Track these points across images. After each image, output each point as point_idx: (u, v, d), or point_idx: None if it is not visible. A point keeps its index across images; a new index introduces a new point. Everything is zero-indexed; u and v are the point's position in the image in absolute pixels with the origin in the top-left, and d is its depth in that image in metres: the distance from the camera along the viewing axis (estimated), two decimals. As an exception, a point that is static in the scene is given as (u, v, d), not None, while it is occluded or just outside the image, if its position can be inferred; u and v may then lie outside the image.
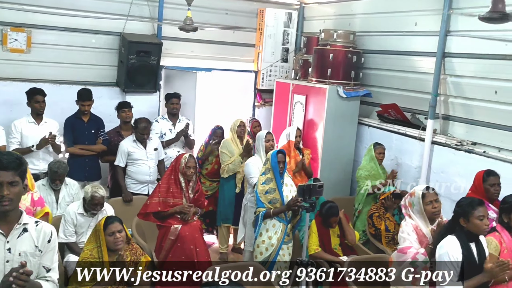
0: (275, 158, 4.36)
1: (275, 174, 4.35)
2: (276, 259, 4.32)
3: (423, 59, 5.42)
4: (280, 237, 4.32)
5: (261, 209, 4.31)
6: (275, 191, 4.34)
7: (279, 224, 4.33)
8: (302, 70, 6.54)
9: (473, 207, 3.07)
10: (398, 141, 5.71)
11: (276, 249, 4.31)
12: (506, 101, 4.56)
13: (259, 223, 4.33)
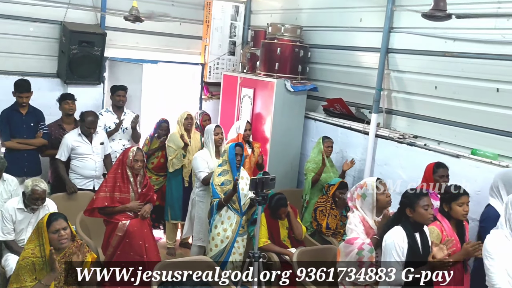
0: (233, 151, 4.40)
1: (232, 167, 4.40)
2: (232, 251, 4.34)
3: (368, 55, 5.57)
4: (235, 229, 4.36)
5: (215, 199, 4.35)
6: (231, 183, 4.37)
7: (234, 216, 4.36)
8: (250, 64, 6.54)
9: (418, 197, 3.19)
10: (343, 134, 5.85)
11: (231, 241, 4.34)
12: (445, 96, 4.77)
13: (214, 212, 4.33)
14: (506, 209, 3.08)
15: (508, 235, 3.03)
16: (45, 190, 4.11)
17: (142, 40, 6.73)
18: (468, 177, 4.39)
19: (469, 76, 4.52)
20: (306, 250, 4.44)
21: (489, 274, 3.01)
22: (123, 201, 4.17)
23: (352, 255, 3.40)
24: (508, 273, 2.96)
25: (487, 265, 3.03)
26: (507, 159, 4.30)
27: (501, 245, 3.01)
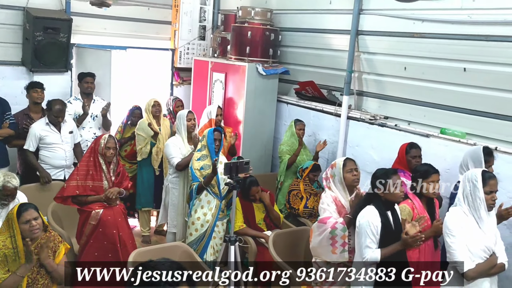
0: (212, 136, 4.41)
1: (210, 151, 4.42)
2: (212, 236, 4.35)
3: (338, 37, 5.59)
4: (214, 213, 4.37)
5: (195, 183, 4.36)
6: (210, 167, 4.38)
7: (214, 200, 4.37)
8: (221, 48, 6.48)
9: (387, 177, 3.25)
10: (316, 117, 5.88)
11: (211, 225, 4.36)
12: (414, 76, 4.83)
13: (193, 196, 4.33)
14: (464, 186, 3.14)
15: (466, 211, 3.10)
16: (17, 186, 4.00)
17: (109, 26, 6.58)
18: (438, 155, 4.49)
19: (437, 57, 4.59)
20: (281, 233, 4.49)
21: (451, 251, 3.06)
22: (96, 189, 4.11)
23: (325, 234, 3.44)
24: (468, 248, 3.03)
25: (449, 242, 3.08)
26: (475, 137, 4.41)
27: (461, 221, 3.08)
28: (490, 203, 3.07)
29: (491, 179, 3.09)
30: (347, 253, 3.44)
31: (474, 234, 3.05)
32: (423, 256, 3.56)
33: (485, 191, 3.04)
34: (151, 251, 3.91)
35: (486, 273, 3.06)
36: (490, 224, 3.11)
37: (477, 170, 3.16)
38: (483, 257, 3.05)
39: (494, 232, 3.13)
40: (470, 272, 3.00)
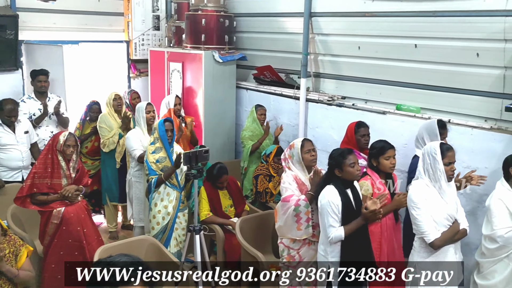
0: (163, 127, 4.36)
1: (164, 143, 4.37)
2: (174, 227, 4.34)
3: (292, 20, 5.61)
4: (175, 205, 4.36)
5: (153, 176, 4.31)
6: (166, 159, 4.35)
7: (173, 192, 4.36)
8: (176, 37, 6.41)
9: (343, 157, 3.31)
10: (275, 101, 5.91)
11: (172, 217, 4.34)
12: (368, 55, 4.91)
13: (152, 190, 4.30)
14: (424, 159, 3.24)
15: (428, 184, 3.19)
16: None
17: (59, 20, 6.37)
18: (395, 131, 4.60)
19: (389, 34, 4.67)
20: (248, 218, 4.53)
21: (417, 223, 3.16)
22: (55, 187, 4.02)
23: (289, 212, 3.50)
24: (433, 218, 3.14)
25: (414, 214, 3.18)
26: (429, 111, 4.53)
27: (424, 194, 3.18)
28: (449, 174, 3.17)
29: (449, 151, 3.19)
30: (311, 228, 3.52)
31: (437, 204, 3.16)
32: (385, 230, 3.66)
33: (444, 163, 3.14)
34: (117, 247, 3.87)
35: (450, 240, 3.19)
36: (451, 194, 3.23)
37: (435, 143, 3.25)
38: (446, 225, 3.17)
39: (455, 201, 3.25)
40: (436, 241, 3.12)
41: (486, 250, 3.47)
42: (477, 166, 4.07)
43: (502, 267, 3.40)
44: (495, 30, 3.86)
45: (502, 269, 3.40)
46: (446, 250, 3.20)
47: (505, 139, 3.91)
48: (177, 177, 4.38)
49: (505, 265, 3.39)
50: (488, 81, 4.03)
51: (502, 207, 3.37)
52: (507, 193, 3.42)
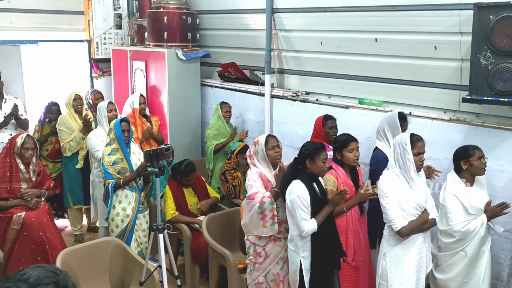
0: (119, 127, 4.23)
1: (120, 144, 4.23)
2: (134, 228, 4.26)
3: (254, 16, 5.60)
4: (134, 207, 4.27)
5: (110, 180, 4.19)
6: (123, 160, 4.25)
7: (132, 194, 4.26)
8: (138, 36, 6.33)
9: (318, 151, 3.33)
10: (241, 98, 5.90)
11: (132, 219, 4.25)
12: (330, 50, 4.95)
13: (110, 195, 4.19)
14: (394, 150, 3.29)
15: (398, 174, 3.25)
16: None
17: (16, 19, 6.18)
18: (358, 125, 4.65)
19: (350, 29, 4.72)
20: (215, 216, 4.50)
21: (385, 211, 3.23)
22: (14, 191, 3.92)
23: (254, 209, 3.49)
24: (402, 208, 3.20)
25: (383, 203, 3.24)
26: (390, 104, 4.60)
27: (393, 183, 3.24)
28: (418, 164, 3.23)
29: (418, 142, 3.25)
30: (276, 225, 3.52)
31: (406, 194, 3.21)
32: (350, 223, 3.71)
33: (413, 153, 3.19)
34: (79, 250, 3.79)
35: (419, 229, 3.24)
36: (420, 184, 3.29)
37: (405, 134, 3.30)
38: (415, 214, 3.23)
39: (424, 191, 3.30)
40: (403, 229, 3.17)
41: (443, 244, 3.50)
42: (437, 157, 4.16)
43: (459, 260, 3.45)
44: (451, 24, 3.94)
45: (459, 262, 3.45)
46: (414, 239, 3.25)
47: (463, 130, 4.01)
48: (136, 179, 4.30)
49: (462, 258, 3.44)
50: (446, 74, 4.11)
51: (456, 202, 3.40)
52: (459, 187, 3.45)
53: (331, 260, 3.37)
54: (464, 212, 3.40)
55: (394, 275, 3.27)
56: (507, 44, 3.30)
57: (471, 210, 3.40)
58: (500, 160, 3.80)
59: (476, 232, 3.37)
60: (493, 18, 3.31)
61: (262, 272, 3.62)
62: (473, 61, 3.48)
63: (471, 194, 3.45)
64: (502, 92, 3.37)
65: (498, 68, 3.36)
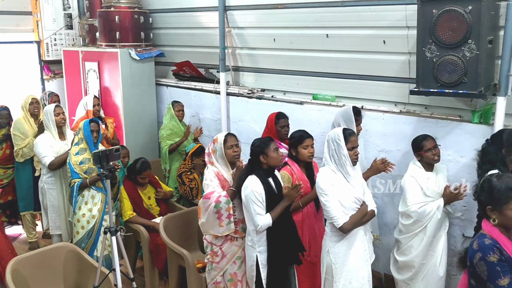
0: (88, 127, 4.26)
1: (88, 144, 4.25)
2: (101, 230, 4.19)
3: (207, 14, 5.56)
4: (100, 208, 4.23)
5: (76, 180, 4.16)
6: (90, 161, 4.20)
7: (99, 195, 4.22)
8: (90, 36, 6.19)
9: (267, 144, 3.35)
10: (197, 97, 5.86)
11: (98, 220, 4.21)
12: (283, 47, 4.97)
13: (75, 195, 4.14)
14: (329, 146, 3.29)
15: (334, 169, 3.24)
16: None
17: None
18: (313, 120, 4.69)
19: (301, 26, 4.75)
20: (172, 216, 4.46)
21: (326, 209, 3.21)
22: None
23: (210, 209, 3.46)
24: (341, 203, 3.19)
25: (323, 201, 3.22)
26: (343, 99, 4.66)
27: (330, 179, 3.22)
28: (353, 158, 3.24)
29: (351, 136, 3.26)
30: (233, 224, 3.50)
31: (344, 189, 3.22)
32: (306, 218, 3.74)
33: (348, 148, 3.20)
34: (31, 257, 3.67)
35: (359, 223, 3.27)
36: (357, 177, 3.31)
37: (338, 130, 3.30)
38: (355, 208, 3.24)
39: (361, 184, 3.34)
40: (345, 225, 3.18)
41: (403, 226, 3.65)
42: (390, 149, 4.25)
43: (418, 242, 3.58)
44: (398, 18, 4.02)
45: (418, 243, 3.59)
46: (356, 233, 3.28)
47: (413, 122, 4.10)
48: (103, 179, 4.22)
49: (420, 240, 3.58)
50: (395, 67, 4.20)
51: (415, 184, 3.55)
52: (418, 171, 3.61)
53: (288, 255, 3.39)
54: (421, 193, 3.54)
55: (339, 271, 3.26)
56: (450, 37, 3.39)
57: (428, 192, 3.54)
58: (448, 150, 3.91)
59: (432, 214, 3.50)
60: (436, 12, 3.39)
61: (220, 272, 3.61)
62: (419, 54, 3.56)
63: (429, 178, 3.59)
64: (447, 84, 3.46)
65: (443, 61, 3.44)
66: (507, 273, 2.14)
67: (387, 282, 4.42)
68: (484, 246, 2.20)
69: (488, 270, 2.16)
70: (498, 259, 2.16)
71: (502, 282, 2.13)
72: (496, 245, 2.19)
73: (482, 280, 2.20)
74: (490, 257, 2.16)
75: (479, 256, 2.19)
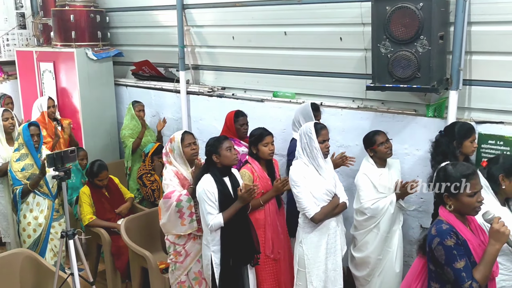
0: (27, 131, 4.04)
1: (30, 149, 4.06)
2: (49, 238, 4.07)
3: (165, 13, 5.50)
4: (47, 215, 4.08)
5: (17, 187, 3.99)
6: (33, 166, 4.06)
7: (44, 201, 4.08)
8: (44, 35, 6.03)
9: (220, 142, 3.33)
10: (157, 96, 5.80)
11: (45, 228, 4.06)
12: (242, 44, 4.97)
13: (18, 201, 3.99)
14: (301, 139, 3.39)
15: (307, 162, 3.35)
16: None
17: None
18: (273, 118, 4.72)
19: (260, 23, 4.76)
20: (133, 218, 4.40)
21: (298, 200, 3.33)
22: None
23: (172, 208, 3.44)
24: (313, 195, 3.30)
25: (295, 192, 3.34)
26: (303, 96, 4.70)
27: (302, 172, 3.34)
28: (324, 151, 3.35)
29: (322, 130, 3.37)
30: (195, 222, 3.48)
31: (316, 181, 3.32)
32: (268, 216, 3.76)
33: (319, 141, 3.31)
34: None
35: (331, 214, 3.37)
36: (328, 170, 3.41)
37: (310, 123, 3.40)
38: (326, 200, 3.35)
39: (333, 176, 3.43)
40: (316, 216, 3.29)
41: (357, 222, 3.71)
42: (349, 144, 4.32)
43: (372, 237, 3.64)
44: (354, 15, 4.09)
45: (373, 239, 3.64)
46: (327, 224, 3.38)
47: (370, 117, 4.19)
48: (48, 185, 4.09)
49: (375, 235, 3.63)
50: (352, 63, 4.27)
51: (367, 181, 3.61)
52: (371, 168, 3.66)
53: (241, 256, 3.37)
54: (374, 190, 3.60)
55: (311, 262, 3.38)
56: (403, 33, 3.47)
57: (380, 188, 3.60)
58: (404, 144, 4.01)
59: (385, 209, 3.57)
60: (389, 8, 3.46)
61: (184, 271, 3.59)
62: (374, 50, 3.63)
63: (381, 175, 3.65)
64: (402, 79, 3.54)
65: (397, 56, 3.52)
66: (463, 256, 2.23)
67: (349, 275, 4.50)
68: (441, 231, 2.28)
69: (445, 254, 2.24)
70: (454, 243, 2.24)
71: (459, 265, 2.21)
72: (453, 230, 2.28)
73: (440, 263, 2.28)
74: (448, 241, 2.24)
75: (437, 241, 2.27)
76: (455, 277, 2.22)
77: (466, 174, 2.31)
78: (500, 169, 2.92)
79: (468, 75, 3.73)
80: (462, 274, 2.20)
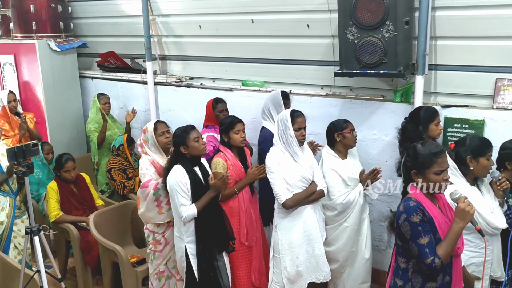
0: None
1: None
2: (12, 236, 3.95)
3: (130, 2, 5.37)
4: (9, 213, 3.96)
5: None
6: None
7: (5, 199, 3.96)
8: (3, 27, 5.85)
9: (187, 133, 3.29)
10: (124, 88, 5.68)
11: (8, 226, 3.95)
12: (210, 33, 4.91)
13: None
14: (278, 126, 3.40)
15: (283, 149, 3.38)
16: None
17: None
18: (243, 107, 4.68)
19: (226, 11, 4.69)
20: (104, 212, 4.33)
21: (272, 186, 3.36)
22: None
23: (149, 197, 3.43)
24: (287, 181, 3.33)
25: (270, 178, 3.37)
26: (272, 84, 4.68)
27: (277, 158, 3.36)
28: (300, 139, 3.37)
29: (298, 117, 3.38)
30: None
31: (291, 168, 3.34)
32: (242, 203, 3.75)
33: (294, 129, 3.33)
34: None
35: (305, 201, 3.38)
36: (306, 157, 3.42)
37: (287, 111, 3.42)
38: (301, 186, 3.36)
39: (310, 164, 3.42)
40: (287, 202, 3.31)
41: (327, 217, 3.66)
42: (318, 132, 4.31)
43: (343, 231, 3.64)
44: (320, 2, 4.07)
45: (343, 233, 3.64)
46: (302, 210, 3.40)
47: (339, 103, 4.20)
48: (8, 182, 3.98)
49: (345, 229, 3.63)
50: (320, 51, 4.26)
51: (335, 176, 3.58)
52: (335, 161, 3.63)
53: (217, 244, 3.37)
54: (343, 184, 3.59)
55: (285, 247, 3.40)
56: (370, 18, 3.47)
57: (349, 181, 3.60)
58: (373, 130, 4.05)
59: (356, 201, 3.58)
60: (355, -6, 3.47)
61: (163, 260, 3.59)
62: (341, 36, 3.62)
63: (347, 166, 3.65)
64: (369, 65, 3.55)
65: (364, 42, 3.53)
66: (428, 233, 2.29)
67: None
68: (408, 208, 2.33)
69: (411, 230, 2.30)
70: (420, 219, 2.30)
71: (423, 241, 2.28)
72: (419, 207, 2.33)
73: (405, 239, 2.35)
74: (413, 218, 2.30)
75: (404, 217, 2.33)
76: (418, 252, 2.29)
77: (434, 152, 2.36)
78: (468, 151, 2.97)
79: (433, 60, 3.77)
80: (425, 250, 2.27)
